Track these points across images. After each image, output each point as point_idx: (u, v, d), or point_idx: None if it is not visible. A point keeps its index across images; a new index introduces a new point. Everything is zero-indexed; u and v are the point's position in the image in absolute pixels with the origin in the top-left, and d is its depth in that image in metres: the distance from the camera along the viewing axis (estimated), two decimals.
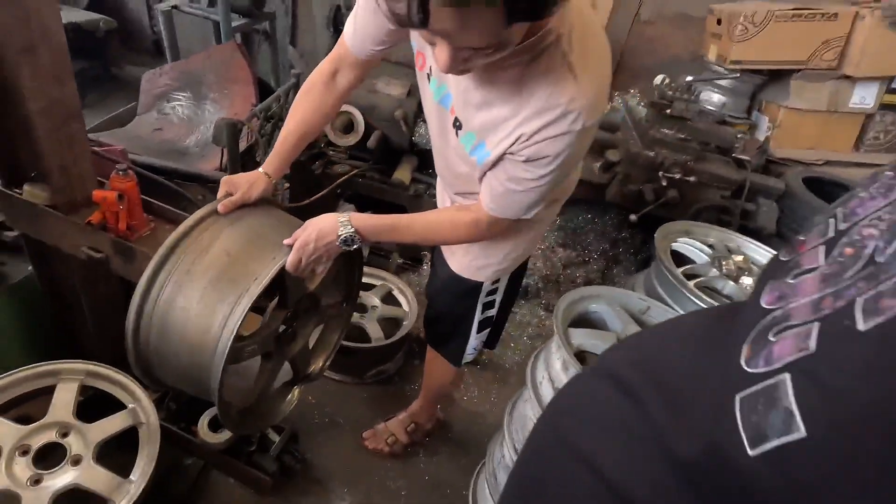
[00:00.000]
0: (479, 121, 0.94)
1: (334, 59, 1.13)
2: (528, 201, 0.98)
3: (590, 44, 0.86)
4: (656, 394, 0.39)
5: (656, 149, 2.01)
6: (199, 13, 2.78)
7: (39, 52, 1.01)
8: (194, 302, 1.05)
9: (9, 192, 1.17)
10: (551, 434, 0.47)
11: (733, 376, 0.33)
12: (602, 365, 0.48)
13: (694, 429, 0.35)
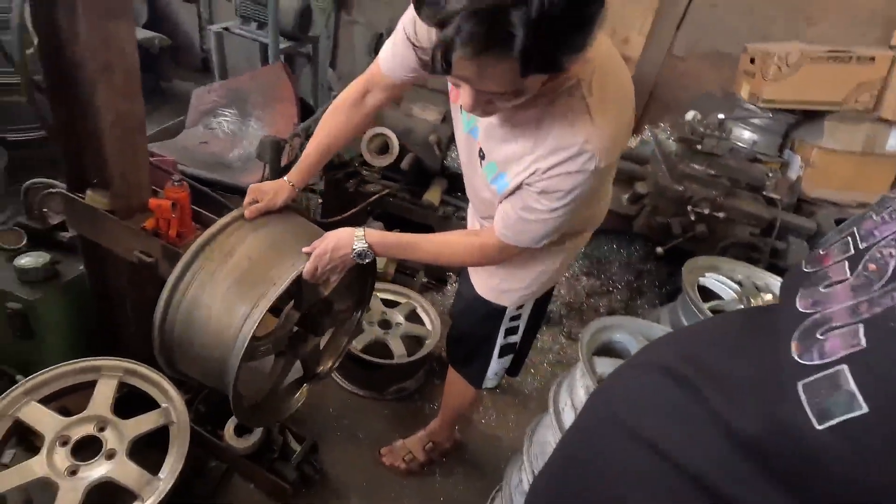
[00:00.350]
0: (503, 154, 0.98)
1: (366, 80, 1.20)
2: (538, 232, 1.00)
3: (610, 87, 0.89)
4: (711, 384, 0.45)
5: (685, 183, 2.03)
6: (249, 35, 2.94)
7: (115, 71, 1.11)
8: (217, 300, 1.13)
9: (73, 196, 1.26)
10: (607, 420, 0.52)
11: (789, 368, 0.39)
12: (648, 359, 0.54)
13: (756, 411, 0.40)
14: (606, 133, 0.87)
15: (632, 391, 0.53)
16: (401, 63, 1.10)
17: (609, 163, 0.89)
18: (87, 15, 1.02)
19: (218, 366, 1.16)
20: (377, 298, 2.18)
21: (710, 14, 3.15)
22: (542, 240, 1.03)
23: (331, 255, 1.11)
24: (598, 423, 0.54)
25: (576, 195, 0.92)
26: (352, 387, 2.00)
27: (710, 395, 0.44)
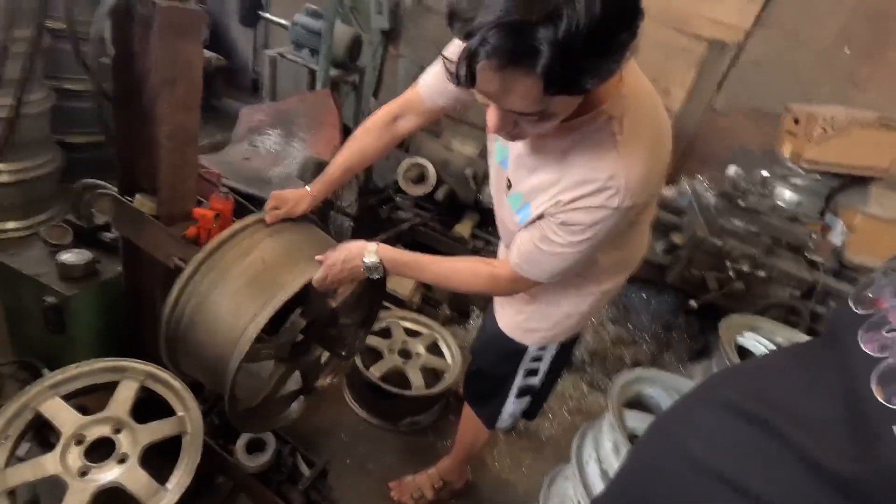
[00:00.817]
0: (529, 184, 0.97)
1: (401, 104, 1.22)
2: (553, 266, 0.98)
3: (644, 127, 0.87)
4: (787, 422, 0.46)
5: (724, 238, 1.98)
6: (300, 61, 3.07)
7: (179, 84, 1.16)
8: (226, 299, 1.13)
9: (122, 198, 1.30)
10: (683, 460, 0.51)
11: (877, 412, 0.41)
12: (711, 396, 0.55)
13: (851, 453, 0.42)
14: (634, 172, 0.85)
15: (704, 429, 0.54)
16: (441, 90, 1.12)
17: (635, 202, 0.86)
18: (161, 32, 1.08)
19: (218, 363, 1.15)
20: (399, 327, 2.16)
21: (754, 72, 3.15)
22: (555, 275, 1.00)
23: (341, 266, 1.10)
24: (672, 463, 0.54)
25: (596, 231, 0.89)
26: (366, 414, 1.96)
27: (789, 432, 0.46)
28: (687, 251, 2.06)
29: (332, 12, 2.56)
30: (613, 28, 0.66)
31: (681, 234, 2.08)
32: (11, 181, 2.08)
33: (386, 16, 3.47)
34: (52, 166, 2.26)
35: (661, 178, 0.94)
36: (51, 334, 1.49)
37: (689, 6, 3.11)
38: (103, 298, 1.52)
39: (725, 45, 3.11)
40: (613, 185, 0.84)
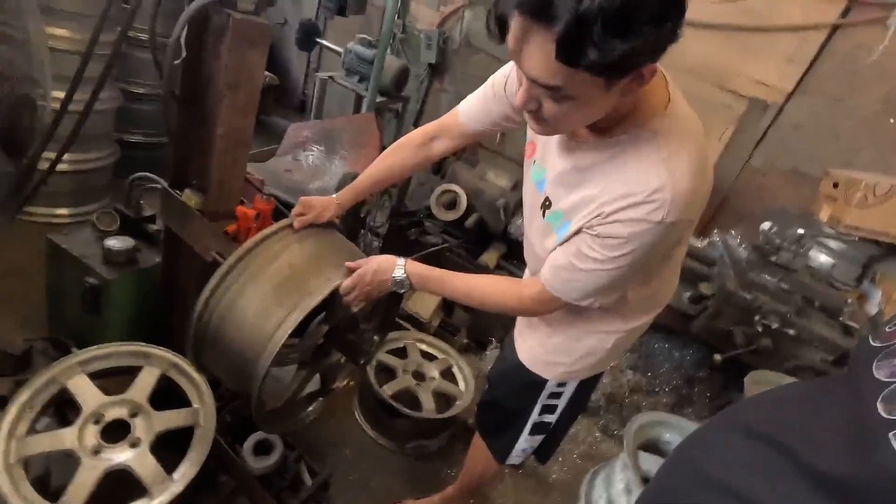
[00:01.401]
0: (570, 201, 0.95)
1: (438, 126, 1.25)
2: (584, 285, 0.95)
3: (689, 149, 0.85)
4: (796, 438, 0.49)
5: (755, 292, 1.94)
6: (349, 86, 3.22)
7: (241, 90, 1.24)
8: (255, 302, 1.16)
9: (172, 191, 1.38)
10: (695, 476, 0.54)
11: (876, 423, 0.44)
12: (729, 423, 0.58)
13: (846, 457, 0.45)
14: (681, 187, 0.83)
15: (717, 449, 0.56)
16: (481, 114, 1.16)
17: (678, 219, 0.84)
18: (232, 40, 1.17)
19: (246, 365, 1.17)
20: (416, 348, 2.16)
21: (794, 134, 3.14)
22: (586, 296, 0.97)
23: (371, 278, 1.13)
24: (685, 481, 0.56)
25: (634, 247, 0.87)
26: (374, 433, 1.94)
27: (797, 446, 0.48)
28: (715, 303, 2.02)
29: (385, 42, 2.69)
30: (636, 15, 0.66)
31: (709, 285, 2.05)
32: (68, 170, 2.22)
33: (434, 51, 3.63)
34: (107, 161, 2.40)
35: (703, 203, 0.91)
36: (86, 314, 1.55)
37: (732, 64, 3.15)
38: (140, 285, 1.58)
39: (766, 105, 3.13)
40: (658, 198, 0.83)
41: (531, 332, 1.27)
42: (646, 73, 0.75)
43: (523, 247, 1.27)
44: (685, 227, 0.90)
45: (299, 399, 1.46)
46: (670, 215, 0.83)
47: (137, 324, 1.61)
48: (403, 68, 3.23)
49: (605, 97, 0.78)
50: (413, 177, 2.94)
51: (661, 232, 0.85)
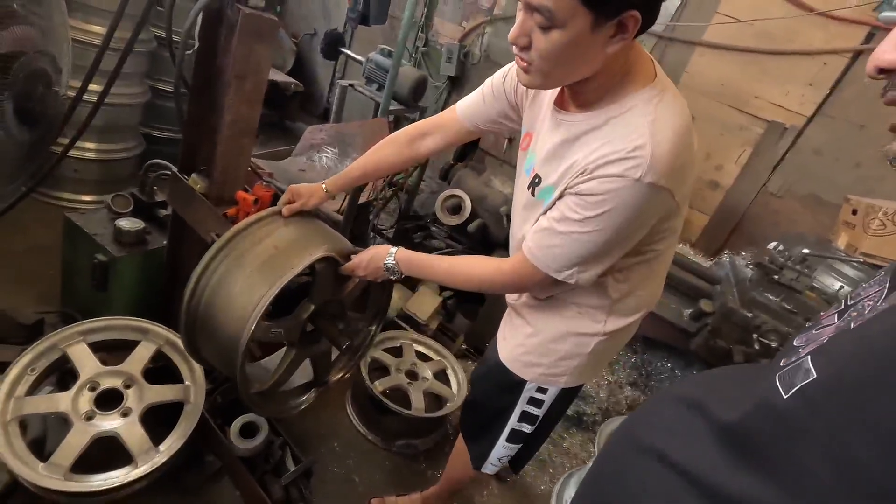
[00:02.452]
0: (559, 172, 0.97)
1: (431, 123, 1.29)
2: (563, 251, 0.95)
3: (673, 118, 0.88)
4: (717, 398, 0.52)
5: (755, 311, 1.90)
6: (368, 94, 3.32)
7: (248, 80, 1.31)
8: (240, 281, 1.20)
9: (180, 175, 1.45)
10: (628, 441, 0.58)
11: (772, 370, 0.48)
12: (667, 393, 0.62)
13: (739, 402, 0.48)
14: (662, 149, 0.84)
15: (650, 416, 0.60)
16: (478, 110, 1.20)
17: (656, 181, 0.84)
18: (241, 33, 1.24)
19: (230, 343, 1.21)
20: (411, 348, 2.18)
21: (813, 160, 3.09)
22: (565, 266, 0.97)
23: (367, 264, 1.20)
24: (619, 446, 0.59)
25: (612, 206, 0.87)
26: (363, 428, 1.96)
27: (710, 403, 0.51)
28: (714, 321, 1.98)
29: (399, 51, 2.78)
30: None
31: (710, 302, 2.01)
32: (96, 158, 2.34)
33: (454, 64, 3.72)
34: (133, 152, 2.53)
35: (683, 178, 0.91)
36: (94, 290, 1.63)
37: (751, 87, 3.14)
38: (145, 265, 1.65)
39: (785, 129, 3.09)
40: (638, 154, 0.84)
41: (513, 332, 1.27)
42: (629, 22, 0.80)
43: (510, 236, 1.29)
44: (663, 200, 0.90)
45: (293, 388, 1.49)
46: (648, 174, 0.84)
47: (141, 302, 1.68)
48: (421, 79, 3.31)
49: (591, 42, 0.82)
50: (424, 184, 3.00)
51: (639, 193, 0.86)
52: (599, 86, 0.91)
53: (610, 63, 0.88)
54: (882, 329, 0.41)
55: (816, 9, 2.84)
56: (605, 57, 0.85)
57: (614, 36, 0.82)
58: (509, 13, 3.59)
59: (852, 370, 0.40)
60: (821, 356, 0.44)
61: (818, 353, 0.45)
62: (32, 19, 1.08)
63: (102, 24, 2.10)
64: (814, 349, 0.46)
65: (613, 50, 0.84)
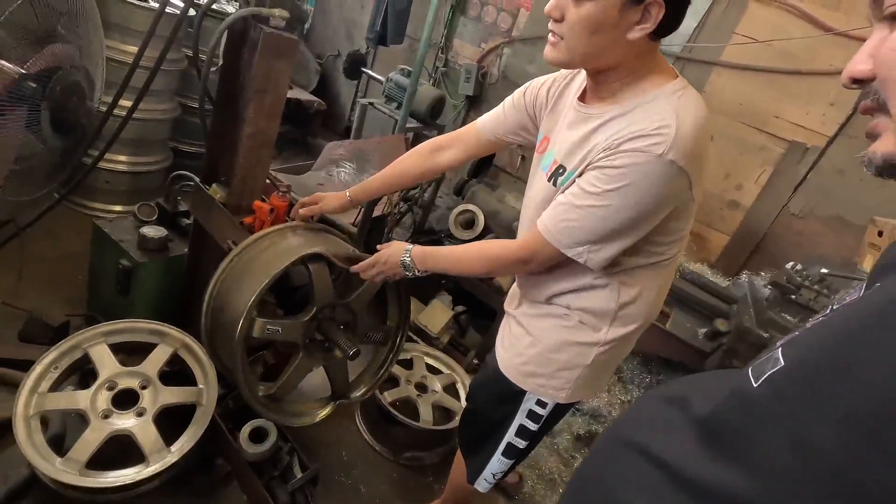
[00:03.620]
0: (582, 154, 0.98)
1: (451, 136, 1.35)
2: (578, 225, 0.95)
3: (699, 112, 0.91)
4: (699, 394, 0.53)
5: (771, 331, 1.86)
6: (387, 112, 3.41)
7: (267, 95, 1.38)
8: (243, 282, 1.27)
9: (201, 185, 1.52)
10: (612, 438, 0.59)
11: (750, 364, 0.48)
12: (656, 393, 0.63)
13: (719, 393, 0.48)
14: (686, 129, 0.87)
15: (635, 414, 0.61)
16: (498, 122, 1.26)
17: (677, 159, 0.85)
18: (263, 51, 1.31)
19: (232, 340, 1.25)
20: (422, 361, 2.19)
21: (836, 180, 3.03)
22: (577, 243, 0.97)
23: (385, 259, 1.25)
24: (605, 443, 0.60)
25: (631, 180, 0.88)
26: (371, 439, 1.97)
27: (692, 398, 0.52)
28: (730, 341, 1.94)
29: (417, 70, 2.86)
30: None
31: (726, 322, 1.98)
32: (126, 170, 2.46)
33: (473, 84, 3.79)
34: (161, 165, 2.64)
35: (701, 166, 0.93)
36: (118, 294, 1.70)
37: (771, 107, 3.11)
38: (166, 272, 1.72)
39: (806, 149, 3.05)
40: (663, 132, 0.86)
41: (512, 342, 1.25)
42: (653, 9, 0.86)
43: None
44: (681, 184, 0.90)
45: (313, 400, 1.52)
46: (671, 152, 0.85)
47: (161, 306, 1.74)
48: (439, 97, 3.39)
49: (617, 22, 0.87)
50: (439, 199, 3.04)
51: (660, 170, 0.87)
52: (622, 79, 0.95)
53: (632, 58, 0.93)
54: (841, 317, 0.42)
55: (837, 28, 2.82)
56: (627, 46, 0.90)
57: (638, 23, 0.88)
58: (527, 35, 3.66)
59: (812, 356, 0.41)
60: (790, 346, 0.45)
61: (788, 344, 0.46)
62: (71, 38, 1.17)
63: (138, 44, 2.22)
64: (786, 341, 0.48)
65: (635, 38, 0.89)
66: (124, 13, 2.15)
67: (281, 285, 1.44)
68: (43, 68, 1.10)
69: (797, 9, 2.91)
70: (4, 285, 1.78)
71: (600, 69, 0.96)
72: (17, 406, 1.27)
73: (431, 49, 3.86)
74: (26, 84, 1.06)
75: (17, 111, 1.07)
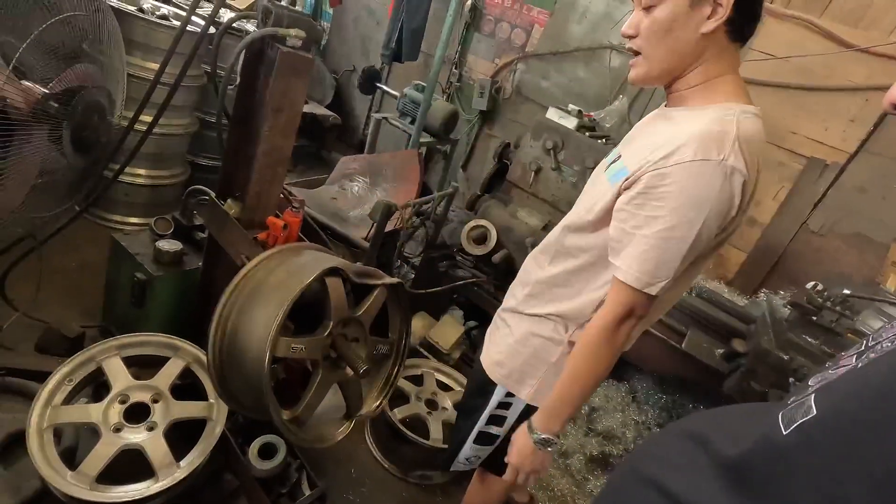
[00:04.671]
0: (642, 153, 0.97)
1: None
2: (637, 243, 0.92)
3: (756, 131, 0.91)
4: (721, 433, 0.52)
5: (792, 353, 1.81)
6: (401, 127, 3.44)
7: (283, 113, 1.39)
8: (257, 306, 1.25)
9: (217, 200, 1.54)
10: (630, 474, 0.58)
11: (780, 407, 0.48)
12: (674, 427, 0.62)
13: (746, 436, 0.48)
14: (743, 137, 0.87)
15: (653, 448, 0.61)
16: None
17: (735, 166, 0.85)
18: (280, 70, 1.33)
19: (256, 366, 1.23)
20: (432, 377, 2.17)
21: (858, 198, 2.97)
22: (659, 274, 0.91)
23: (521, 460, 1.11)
24: (620, 478, 0.60)
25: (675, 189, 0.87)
26: (381, 456, 1.94)
27: (714, 437, 0.51)
28: (749, 362, 1.89)
29: (431, 86, 2.88)
30: None
31: (744, 342, 1.93)
32: (145, 183, 2.50)
33: (486, 99, 3.81)
34: (179, 178, 2.69)
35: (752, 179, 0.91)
36: (132, 307, 1.71)
37: (788, 123, 3.07)
38: (180, 285, 1.73)
39: (826, 165, 2.99)
40: (719, 138, 0.86)
41: (493, 338, 1.30)
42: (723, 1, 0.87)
43: None
44: (737, 186, 0.87)
45: (331, 419, 1.51)
46: (731, 157, 0.85)
47: (174, 319, 1.75)
48: (452, 112, 3.41)
49: (688, 20, 0.89)
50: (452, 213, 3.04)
51: (719, 174, 0.85)
52: (693, 84, 0.96)
53: (709, 60, 0.93)
54: (882, 368, 0.40)
55: (858, 45, 2.78)
56: (703, 43, 0.91)
57: (710, 17, 0.88)
58: (541, 51, 3.67)
59: (849, 408, 0.39)
60: (824, 394, 0.44)
61: (822, 390, 0.44)
62: (95, 57, 1.20)
63: (159, 61, 2.28)
64: (820, 387, 0.46)
65: (709, 30, 0.89)
66: (146, 31, 2.21)
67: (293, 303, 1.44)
68: (66, 88, 1.12)
69: (815, 25, 2.88)
70: (24, 296, 1.81)
71: (677, 76, 0.97)
72: (31, 419, 1.28)
73: (445, 64, 3.89)
74: (49, 104, 1.09)
75: (40, 130, 1.10)
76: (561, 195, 2.38)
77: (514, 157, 2.54)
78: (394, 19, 3.27)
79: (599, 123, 2.50)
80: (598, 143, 2.37)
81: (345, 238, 2.10)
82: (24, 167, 1.08)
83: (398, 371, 1.58)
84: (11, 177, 1.05)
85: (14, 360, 1.62)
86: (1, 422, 1.46)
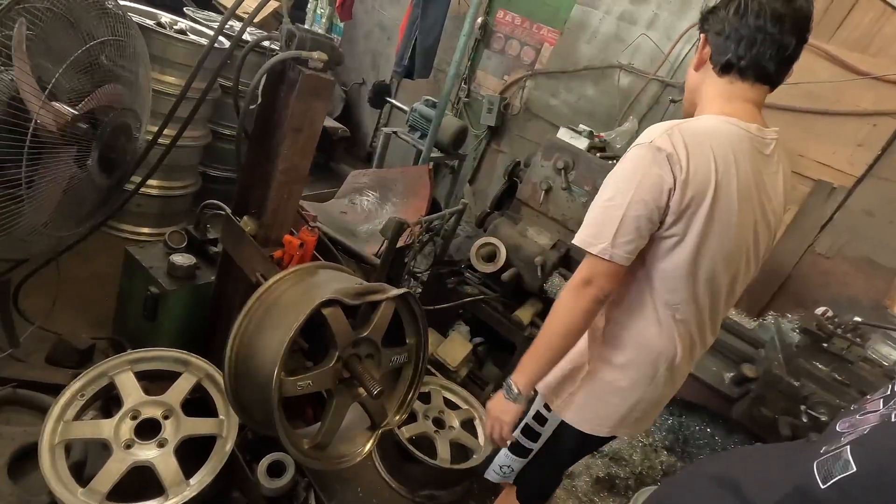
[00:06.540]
0: None
1: None
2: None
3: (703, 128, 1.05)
4: (752, 479, 0.53)
5: (802, 379, 1.80)
6: (411, 141, 3.47)
7: (302, 133, 1.41)
8: (268, 330, 1.24)
9: (233, 217, 1.54)
10: None
11: (812, 456, 0.48)
12: (703, 469, 0.63)
13: (778, 485, 0.48)
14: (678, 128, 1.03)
15: (681, 491, 0.61)
16: None
17: (661, 147, 0.99)
18: (301, 91, 1.35)
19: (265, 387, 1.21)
20: (440, 395, 2.16)
21: (865, 221, 2.98)
22: (593, 236, 1.06)
23: (493, 413, 1.22)
24: None
25: (619, 167, 1.05)
26: (386, 474, 1.93)
27: (743, 482, 0.52)
28: (759, 387, 1.89)
29: (444, 103, 2.91)
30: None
31: (753, 367, 1.92)
32: (157, 194, 2.52)
33: (495, 115, 3.84)
34: (190, 189, 2.70)
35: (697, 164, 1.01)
36: (144, 320, 1.72)
37: (796, 146, 3.09)
38: (193, 299, 1.74)
39: (833, 188, 3.01)
40: (660, 128, 1.02)
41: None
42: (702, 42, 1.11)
43: None
44: (664, 161, 0.99)
45: (355, 435, 1.49)
46: (657, 140, 1.00)
47: (185, 333, 1.75)
48: (462, 128, 3.44)
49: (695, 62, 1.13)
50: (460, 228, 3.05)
51: (643, 151, 1.01)
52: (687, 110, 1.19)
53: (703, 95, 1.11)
54: None
55: (870, 73, 2.81)
56: (698, 80, 1.13)
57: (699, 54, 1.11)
58: (550, 68, 3.71)
59: (891, 466, 0.40)
60: (860, 448, 0.44)
61: (858, 444, 0.45)
62: (121, 73, 1.21)
63: (176, 75, 2.31)
64: (854, 439, 0.47)
65: (698, 69, 1.12)
66: (164, 46, 2.24)
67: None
68: (94, 107, 1.14)
69: (823, 51, 2.91)
70: (38, 307, 1.82)
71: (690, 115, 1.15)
72: (43, 434, 1.27)
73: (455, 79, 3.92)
74: (78, 125, 1.10)
75: (68, 151, 1.11)
76: (571, 214, 2.39)
77: (525, 175, 2.55)
78: (407, 37, 3.31)
79: (610, 144, 2.52)
80: (609, 164, 2.38)
81: (355, 254, 2.11)
82: (50, 187, 1.09)
83: (419, 378, 1.57)
84: (38, 196, 1.06)
85: (25, 372, 1.62)
86: (11, 435, 1.45)
